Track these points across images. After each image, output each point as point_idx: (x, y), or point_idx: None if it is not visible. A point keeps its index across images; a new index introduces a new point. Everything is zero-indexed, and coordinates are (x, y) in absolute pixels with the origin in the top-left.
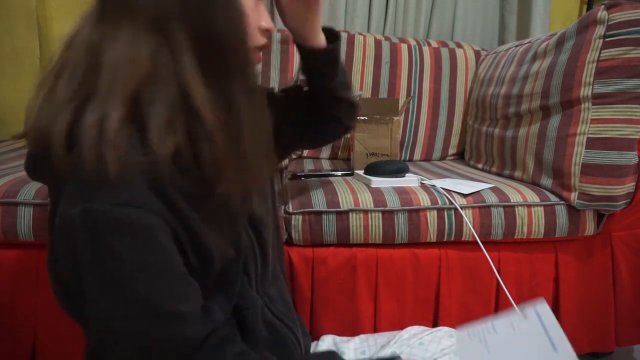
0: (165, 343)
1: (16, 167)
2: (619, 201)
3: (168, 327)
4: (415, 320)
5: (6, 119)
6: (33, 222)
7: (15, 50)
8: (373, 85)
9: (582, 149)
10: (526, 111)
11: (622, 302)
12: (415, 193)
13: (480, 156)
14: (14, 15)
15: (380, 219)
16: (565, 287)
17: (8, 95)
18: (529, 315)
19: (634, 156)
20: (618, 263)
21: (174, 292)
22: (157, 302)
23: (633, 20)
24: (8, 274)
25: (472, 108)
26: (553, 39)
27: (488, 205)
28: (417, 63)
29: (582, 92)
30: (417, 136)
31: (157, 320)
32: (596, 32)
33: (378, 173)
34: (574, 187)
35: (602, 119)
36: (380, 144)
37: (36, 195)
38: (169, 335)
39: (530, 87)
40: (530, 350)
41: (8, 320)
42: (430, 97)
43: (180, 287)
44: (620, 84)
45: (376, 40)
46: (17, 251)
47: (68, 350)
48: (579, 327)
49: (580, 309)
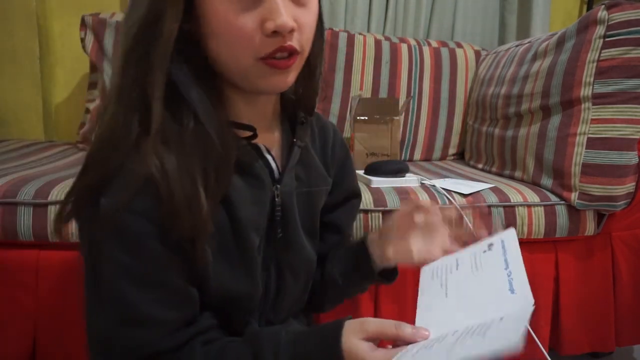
0: (129, 344)
1: (16, 167)
2: (619, 201)
3: (135, 330)
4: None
5: (6, 119)
6: (33, 222)
7: (15, 50)
8: (373, 85)
9: (583, 149)
10: (526, 111)
11: (622, 302)
12: (415, 193)
13: (480, 156)
14: (14, 15)
15: (381, 219)
16: (565, 287)
17: (8, 95)
18: (494, 247)
19: (634, 156)
20: (618, 263)
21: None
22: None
23: (633, 20)
24: (8, 274)
25: (472, 108)
26: (553, 39)
27: (488, 206)
28: (417, 63)
29: (582, 92)
30: (417, 136)
31: (125, 321)
32: (596, 32)
33: (378, 173)
34: (574, 187)
35: (602, 119)
36: (380, 144)
37: (36, 195)
38: (131, 337)
39: (530, 87)
40: (487, 294)
41: (8, 320)
42: (430, 97)
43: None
44: (620, 84)
45: (376, 40)
46: (17, 251)
47: (68, 350)
48: (579, 327)
49: (580, 309)
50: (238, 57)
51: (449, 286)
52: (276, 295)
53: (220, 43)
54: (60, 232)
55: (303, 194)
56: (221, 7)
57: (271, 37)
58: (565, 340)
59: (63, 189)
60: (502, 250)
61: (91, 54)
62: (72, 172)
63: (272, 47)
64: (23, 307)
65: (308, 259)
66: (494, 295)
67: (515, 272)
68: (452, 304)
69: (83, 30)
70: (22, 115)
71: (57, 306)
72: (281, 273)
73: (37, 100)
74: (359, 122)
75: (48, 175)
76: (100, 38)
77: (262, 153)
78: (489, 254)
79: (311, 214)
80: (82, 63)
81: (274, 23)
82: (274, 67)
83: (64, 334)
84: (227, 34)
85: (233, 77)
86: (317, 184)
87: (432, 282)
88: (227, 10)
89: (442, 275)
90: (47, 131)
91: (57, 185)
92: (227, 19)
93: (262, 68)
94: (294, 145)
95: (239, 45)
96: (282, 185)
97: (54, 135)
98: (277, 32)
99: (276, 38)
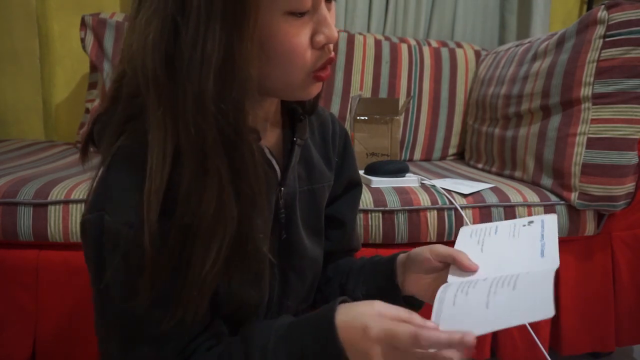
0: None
1: (16, 167)
2: (619, 201)
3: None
4: None
5: (6, 119)
6: (33, 222)
7: (15, 50)
8: (373, 85)
9: (583, 149)
10: (526, 111)
11: (622, 302)
12: (415, 193)
13: (480, 156)
14: (14, 15)
15: (381, 219)
16: (565, 287)
17: (8, 95)
18: (534, 224)
19: (634, 156)
20: (618, 263)
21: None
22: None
23: (633, 20)
24: (8, 274)
25: (472, 108)
26: (553, 39)
27: (488, 205)
28: (417, 63)
29: (582, 92)
30: (417, 136)
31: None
32: (596, 32)
33: (378, 173)
34: (574, 187)
35: (602, 119)
36: (380, 144)
37: (36, 195)
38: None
39: (530, 87)
40: (519, 255)
41: (8, 320)
42: (430, 97)
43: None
44: (620, 84)
45: (376, 40)
46: (17, 251)
47: (68, 351)
48: (579, 327)
49: (580, 309)
50: (293, 74)
51: (485, 245)
52: (281, 296)
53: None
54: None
55: (306, 193)
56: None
57: (321, 50)
58: (565, 340)
59: (63, 189)
60: (540, 229)
61: (91, 54)
62: (72, 172)
63: (322, 61)
64: (23, 307)
65: (312, 259)
66: (526, 257)
67: (549, 243)
68: (484, 259)
69: (83, 30)
70: (22, 115)
71: (57, 306)
72: (286, 274)
73: (37, 100)
74: (359, 122)
75: (48, 175)
76: (100, 38)
77: (267, 156)
78: (527, 228)
79: (315, 212)
80: (82, 63)
81: (325, 37)
82: (321, 79)
83: (64, 334)
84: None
85: (275, 92)
86: (318, 180)
87: (470, 239)
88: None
89: (480, 235)
90: (47, 131)
91: (57, 185)
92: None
93: (310, 81)
94: (295, 144)
95: (295, 63)
96: (286, 187)
97: (54, 135)
98: (326, 45)
99: (324, 51)
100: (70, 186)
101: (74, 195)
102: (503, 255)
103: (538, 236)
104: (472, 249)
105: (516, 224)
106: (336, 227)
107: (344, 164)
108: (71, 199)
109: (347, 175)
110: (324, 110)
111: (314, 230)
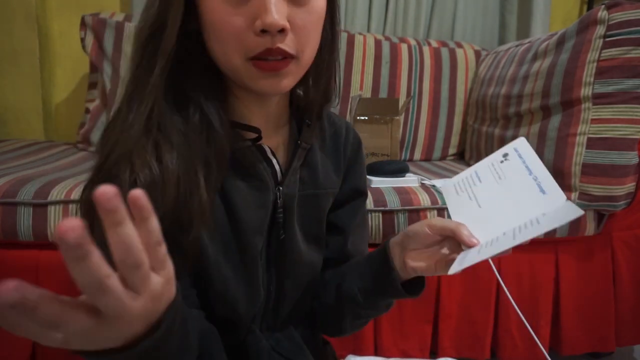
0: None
1: (16, 167)
2: (619, 201)
3: None
4: (416, 320)
5: (6, 119)
6: (33, 222)
7: (15, 50)
8: (373, 85)
9: (583, 149)
10: (526, 111)
11: (622, 302)
12: (415, 193)
13: (480, 156)
14: (14, 15)
15: (381, 219)
16: (565, 287)
17: (8, 95)
18: (510, 156)
19: (634, 156)
20: (618, 263)
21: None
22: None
23: (633, 20)
24: (8, 274)
25: (472, 108)
26: (553, 38)
27: None
28: (417, 63)
29: (582, 92)
30: (417, 136)
31: None
32: (596, 32)
33: (378, 173)
34: (575, 187)
35: (602, 119)
36: (380, 144)
37: (36, 195)
38: None
39: (530, 87)
40: (520, 198)
41: None
42: (430, 97)
43: None
44: (620, 83)
45: (376, 40)
46: (17, 251)
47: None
48: (579, 327)
49: (580, 309)
50: (229, 55)
51: (479, 197)
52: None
53: (214, 41)
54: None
55: (307, 197)
56: (216, 5)
57: (261, 36)
58: (566, 340)
59: (63, 189)
60: (519, 159)
61: (91, 54)
62: (72, 172)
63: (261, 48)
64: None
65: (308, 264)
66: (527, 198)
67: (540, 175)
68: (488, 213)
69: (83, 30)
70: (22, 115)
71: None
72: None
73: (37, 100)
74: (359, 122)
75: (48, 175)
76: (100, 38)
77: (267, 155)
78: (507, 164)
79: (316, 216)
80: (82, 63)
81: (262, 21)
82: (261, 70)
83: None
84: (219, 31)
85: (229, 75)
86: (322, 186)
87: (459, 197)
88: (221, 8)
89: (467, 189)
90: (47, 131)
91: (57, 185)
92: (220, 17)
93: (251, 69)
94: (299, 147)
95: (229, 44)
96: (285, 187)
97: (53, 135)
98: (266, 32)
99: (266, 38)
100: (70, 186)
101: (74, 195)
102: (503, 204)
103: (524, 170)
104: (468, 208)
105: (493, 163)
106: (335, 234)
107: (352, 172)
108: (71, 199)
109: (353, 184)
110: (339, 119)
111: (312, 236)
